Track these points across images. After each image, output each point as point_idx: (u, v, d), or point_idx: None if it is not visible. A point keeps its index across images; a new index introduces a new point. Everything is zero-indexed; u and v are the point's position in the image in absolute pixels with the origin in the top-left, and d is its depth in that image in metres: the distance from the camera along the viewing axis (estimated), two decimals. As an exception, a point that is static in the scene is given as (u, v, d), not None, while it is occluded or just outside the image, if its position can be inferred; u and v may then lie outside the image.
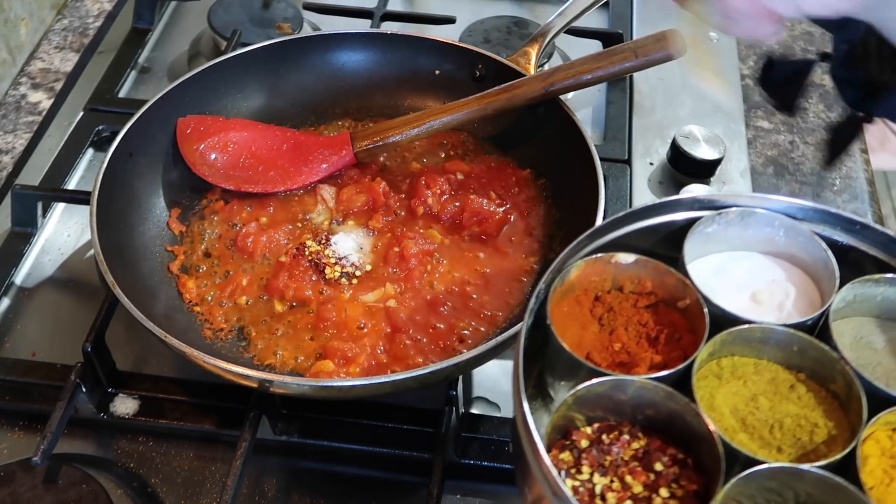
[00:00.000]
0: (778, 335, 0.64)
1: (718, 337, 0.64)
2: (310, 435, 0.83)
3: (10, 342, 0.92)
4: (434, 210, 0.97)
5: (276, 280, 0.91)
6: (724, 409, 0.62)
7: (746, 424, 0.62)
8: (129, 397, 0.85)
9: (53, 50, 1.26)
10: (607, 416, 0.63)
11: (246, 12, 1.23)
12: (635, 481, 0.60)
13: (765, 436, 0.61)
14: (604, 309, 0.69)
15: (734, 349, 0.65)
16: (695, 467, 0.60)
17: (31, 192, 1.01)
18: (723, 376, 0.64)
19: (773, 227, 0.71)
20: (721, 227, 0.71)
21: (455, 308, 0.89)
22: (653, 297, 0.69)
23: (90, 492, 0.77)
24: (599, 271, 0.69)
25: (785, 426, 0.61)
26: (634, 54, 0.93)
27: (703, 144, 1.06)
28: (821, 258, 0.69)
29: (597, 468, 0.60)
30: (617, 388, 0.61)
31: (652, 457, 0.61)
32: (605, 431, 0.63)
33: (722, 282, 0.70)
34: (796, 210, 0.70)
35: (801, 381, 0.64)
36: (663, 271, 0.68)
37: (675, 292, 0.68)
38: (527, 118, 1.01)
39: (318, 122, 1.09)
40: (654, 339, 0.67)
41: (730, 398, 0.63)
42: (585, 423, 0.63)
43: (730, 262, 0.72)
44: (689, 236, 0.69)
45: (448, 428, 0.80)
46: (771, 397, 0.63)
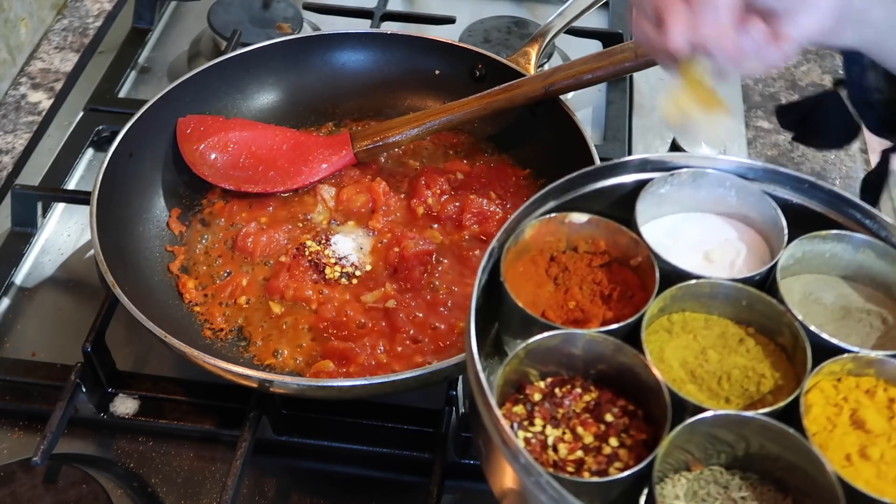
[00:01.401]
0: (727, 290, 0.65)
1: (668, 292, 0.65)
2: (310, 435, 0.83)
3: (10, 342, 0.92)
4: (434, 210, 0.97)
5: (276, 280, 0.91)
6: (674, 362, 0.63)
7: (695, 376, 0.63)
8: (129, 397, 0.85)
9: (53, 50, 1.26)
10: (560, 371, 0.64)
11: (246, 12, 1.23)
12: (586, 432, 0.61)
13: (713, 387, 0.62)
14: (559, 269, 0.70)
15: (685, 305, 0.66)
16: (644, 418, 0.62)
17: (31, 192, 1.01)
18: (673, 331, 0.66)
19: (724, 188, 0.71)
20: (673, 189, 0.71)
21: (455, 308, 0.89)
22: (606, 256, 0.71)
23: (90, 492, 0.77)
24: (553, 231, 0.70)
25: (733, 377, 0.62)
26: (634, 54, 0.93)
27: (702, 145, 1.06)
28: (770, 216, 0.69)
29: (549, 420, 0.62)
30: (568, 341, 0.62)
31: (602, 408, 0.62)
32: (557, 385, 0.64)
33: (675, 242, 0.71)
34: (746, 170, 0.71)
35: (750, 335, 0.65)
36: (615, 230, 0.69)
37: (627, 251, 0.69)
38: (527, 118, 1.01)
39: (318, 122, 1.09)
40: (607, 296, 0.68)
41: (679, 352, 0.64)
42: (539, 378, 0.64)
43: (682, 223, 0.73)
44: (640, 196, 0.70)
45: (448, 428, 0.80)
46: (720, 350, 0.64)
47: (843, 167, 1.12)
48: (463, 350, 0.79)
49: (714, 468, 0.60)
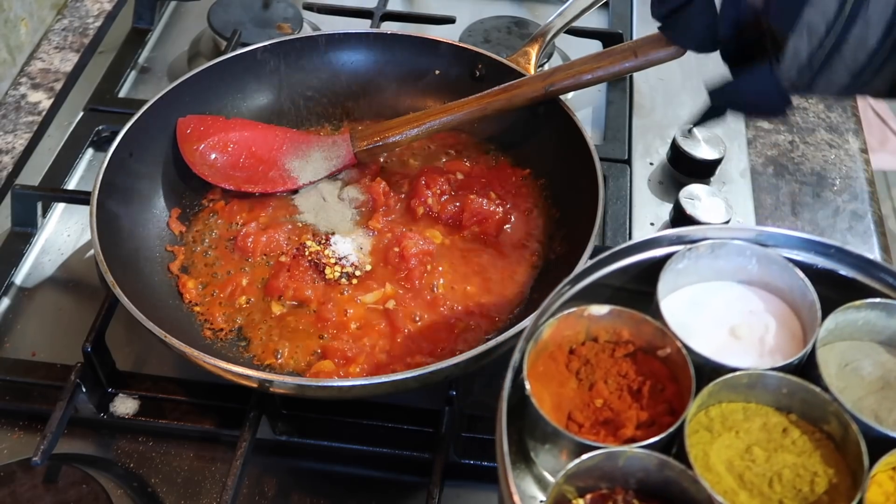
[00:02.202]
0: (766, 380, 0.63)
1: (706, 390, 0.62)
2: (310, 435, 0.83)
3: (10, 342, 0.92)
4: (434, 210, 0.97)
5: (275, 280, 0.91)
6: (720, 468, 0.60)
7: (744, 481, 0.60)
8: (129, 397, 0.85)
9: (53, 50, 1.26)
10: (598, 485, 0.61)
11: (246, 12, 1.23)
12: None
13: (765, 491, 0.59)
14: (580, 362, 0.67)
15: (721, 396, 0.64)
16: None
17: (31, 192, 1.01)
18: (713, 429, 0.63)
19: (745, 257, 0.69)
20: (692, 262, 0.69)
21: (455, 308, 0.89)
22: (630, 346, 0.67)
23: (90, 492, 0.77)
24: (572, 325, 0.67)
25: (784, 478, 0.60)
26: (634, 54, 0.93)
27: (703, 144, 1.06)
28: (798, 287, 0.67)
29: None
30: (608, 459, 0.59)
31: None
32: (598, 502, 0.60)
33: (698, 317, 0.68)
34: (767, 238, 0.69)
35: (794, 422, 0.63)
36: (639, 320, 0.66)
37: (653, 340, 0.66)
38: (527, 118, 1.01)
39: (318, 122, 1.09)
40: (636, 391, 0.65)
41: (724, 452, 0.61)
42: (576, 495, 0.61)
43: (705, 295, 0.70)
44: (661, 275, 0.67)
45: (448, 428, 0.80)
46: (765, 446, 0.62)
47: (843, 167, 1.12)
48: (463, 350, 0.79)
49: None
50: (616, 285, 0.69)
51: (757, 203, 1.06)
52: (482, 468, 0.82)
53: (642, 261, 0.70)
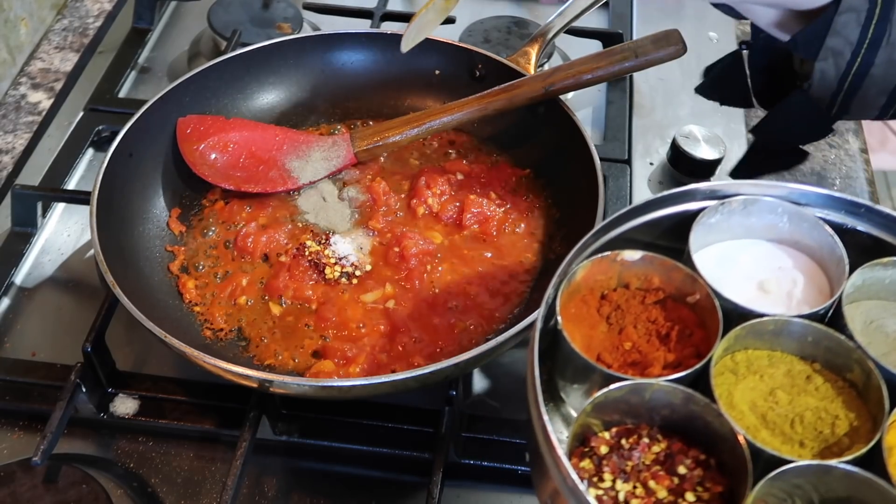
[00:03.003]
0: (792, 326, 0.64)
1: (732, 333, 0.63)
2: (310, 435, 0.83)
3: (10, 342, 0.92)
4: (434, 210, 0.97)
5: (276, 280, 0.91)
6: (744, 406, 0.62)
7: (767, 420, 0.61)
8: (129, 397, 0.85)
9: (53, 50, 1.26)
10: (624, 420, 0.62)
11: (246, 12, 1.23)
12: (659, 486, 0.59)
13: (786, 431, 0.61)
14: (611, 307, 0.69)
15: (747, 342, 0.65)
16: (718, 468, 0.60)
17: (31, 192, 1.01)
18: (738, 371, 0.64)
19: (776, 215, 0.70)
20: (724, 217, 0.70)
21: (455, 308, 0.89)
22: (660, 293, 0.69)
23: (90, 492, 0.77)
24: (605, 270, 0.68)
25: (806, 420, 0.61)
26: (634, 54, 0.93)
27: (703, 144, 1.06)
28: (827, 243, 0.68)
29: (618, 474, 0.59)
30: (634, 392, 0.61)
31: (674, 460, 0.60)
32: (623, 436, 0.62)
33: (728, 272, 0.69)
34: (799, 195, 0.70)
35: (817, 371, 0.64)
36: (670, 267, 0.67)
37: (683, 287, 0.68)
38: (527, 118, 1.01)
39: (318, 122, 1.09)
40: (664, 336, 0.67)
41: (748, 394, 0.63)
42: (602, 428, 0.62)
43: (735, 252, 0.72)
44: (693, 228, 0.68)
45: (448, 428, 0.80)
46: (789, 390, 0.63)
47: (843, 167, 1.12)
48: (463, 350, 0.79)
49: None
50: (646, 240, 0.70)
51: (757, 203, 1.06)
52: (482, 468, 0.82)
53: (673, 214, 0.71)
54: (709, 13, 1.32)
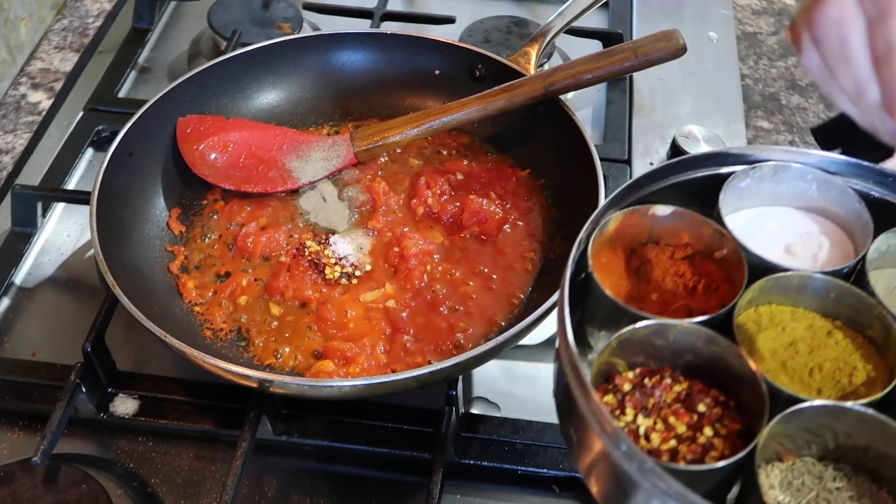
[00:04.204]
0: (815, 282, 0.65)
1: (757, 284, 0.64)
2: (310, 435, 0.83)
3: (10, 342, 0.92)
4: (434, 210, 0.97)
5: (275, 280, 0.91)
6: (765, 353, 0.63)
7: (786, 368, 0.63)
8: (129, 397, 0.85)
9: (53, 50, 1.26)
10: (648, 362, 0.64)
11: (246, 12, 1.23)
12: (678, 422, 0.60)
13: (805, 378, 0.62)
14: (640, 261, 0.70)
15: (771, 297, 0.66)
16: (737, 408, 0.61)
17: (31, 192, 1.01)
18: (761, 323, 0.66)
19: (805, 182, 0.71)
20: (754, 182, 0.71)
21: (455, 308, 0.89)
22: (689, 249, 0.70)
23: (90, 492, 0.77)
24: (636, 223, 0.70)
25: (824, 369, 0.62)
26: (634, 54, 0.93)
27: (703, 144, 1.06)
28: (854, 210, 0.69)
29: (640, 410, 0.61)
30: (659, 331, 0.62)
31: (694, 398, 0.62)
32: (646, 376, 0.64)
33: (755, 236, 0.70)
34: (829, 164, 0.71)
35: (838, 328, 0.65)
36: (700, 222, 0.69)
37: (711, 243, 0.69)
38: (527, 118, 1.01)
39: (318, 122, 1.09)
40: (691, 288, 0.68)
41: (769, 343, 0.64)
42: (627, 369, 0.64)
43: (762, 217, 0.73)
44: (724, 189, 0.69)
45: (448, 428, 0.80)
46: (809, 343, 0.64)
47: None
48: (463, 350, 0.80)
49: (806, 459, 0.60)
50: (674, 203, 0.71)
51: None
52: (482, 468, 0.82)
53: (703, 178, 0.72)
54: (709, 13, 1.32)
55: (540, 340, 0.92)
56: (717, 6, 1.33)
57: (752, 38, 1.31)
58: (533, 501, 0.82)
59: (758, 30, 1.32)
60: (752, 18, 1.34)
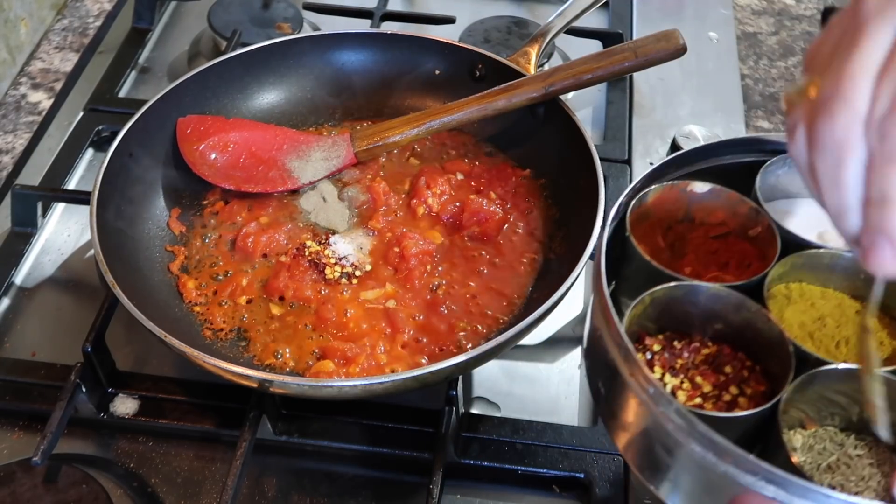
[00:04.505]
0: (846, 261, 0.66)
1: (789, 259, 0.65)
2: (310, 435, 0.83)
3: (10, 342, 0.92)
4: (434, 210, 0.97)
5: (276, 280, 0.91)
6: (793, 323, 0.65)
7: (814, 338, 0.64)
8: (129, 397, 0.85)
9: (53, 50, 1.26)
10: (678, 328, 0.66)
11: (246, 12, 1.23)
12: (705, 381, 0.62)
13: (831, 350, 0.63)
14: (675, 237, 0.71)
15: (802, 275, 0.67)
16: (763, 373, 0.63)
17: (31, 192, 1.01)
18: (791, 297, 0.67)
19: None
20: (791, 170, 0.72)
21: (455, 308, 0.89)
22: (724, 228, 0.71)
23: (90, 492, 0.77)
24: (674, 199, 0.71)
25: (851, 343, 0.63)
26: (634, 54, 0.93)
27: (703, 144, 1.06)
28: None
29: (668, 370, 0.63)
30: (691, 293, 0.64)
31: (721, 361, 0.63)
32: (675, 339, 0.65)
33: (788, 222, 0.71)
34: None
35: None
36: (736, 200, 0.70)
37: (746, 221, 0.70)
38: (527, 118, 1.01)
39: (318, 122, 1.09)
40: (724, 264, 0.70)
41: (798, 315, 0.65)
42: (657, 332, 0.66)
43: (795, 206, 0.74)
44: (760, 175, 0.70)
45: (448, 428, 0.80)
46: (837, 318, 0.65)
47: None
48: (463, 350, 0.80)
49: (829, 428, 0.61)
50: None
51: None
52: (482, 468, 0.82)
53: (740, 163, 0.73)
54: (709, 13, 1.32)
55: (540, 340, 0.93)
56: (717, 6, 1.33)
57: (752, 38, 1.31)
58: (533, 501, 0.82)
59: (758, 30, 1.32)
60: (752, 18, 1.34)
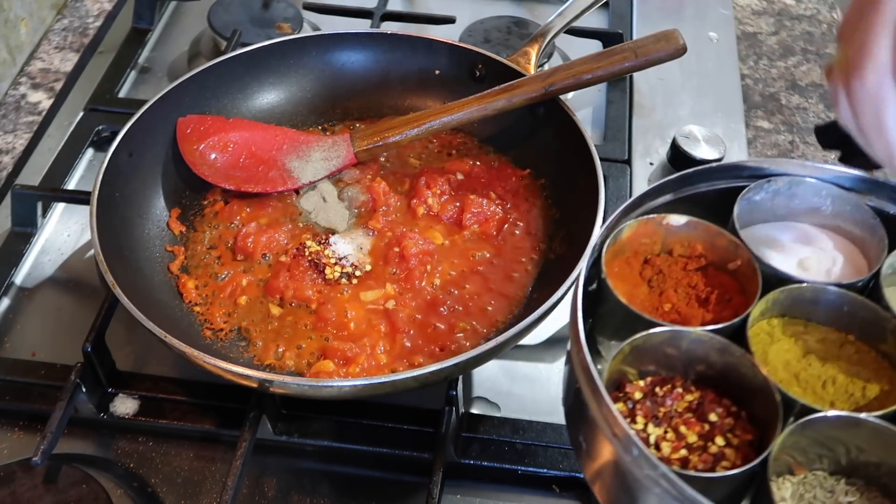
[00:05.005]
0: (829, 295, 0.65)
1: (771, 295, 0.64)
2: (310, 435, 0.83)
3: (10, 342, 0.92)
4: (434, 210, 0.97)
5: (276, 280, 0.91)
6: (777, 364, 0.63)
7: (799, 379, 0.62)
8: (129, 397, 0.85)
9: (53, 50, 1.26)
10: (659, 371, 0.64)
11: (246, 12, 1.23)
12: (690, 431, 0.60)
13: (818, 390, 0.62)
14: (653, 271, 0.70)
15: (784, 309, 0.66)
16: (749, 419, 0.61)
17: (31, 192, 1.01)
18: (774, 334, 0.65)
19: (820, 197, 0.71)
20: (768, 196, 0.71)
21: (455, 308, 0.89)
22: (702, 260, 0.70)
23: (90, 492, 0.77)
24: (650, 233, 0.70)
25: (838, 382, 0.62)
26: (634, 54, 0.93)
27: (703, 144, 1.06)
28: (868, 225, 0.69)
29: (651, 419, 0.61)
30: (673, 339, 0.62)
31: (706, 408, 0.61)
32: (657, 384, 0.63)
33: (768, 249, 0.70)
34: (845, 179, 0.71)
35: (851, 341, 0.65)
36: (714, 233, 0.69)
37: (725, 254, 0.69)
38: (527, 118, 1.01)
39: (318, 122, 1.09)
40: (704, 300, 0.68)
41: (782, 354, 0.64)
42: (638, 377, 0.64)
43: (775, 231, 0.73)
44: (738, 202, 0.69)
45: (448, 428, 0.80)
46: (822, 355, 0.64)
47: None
48: (463, 350, 0.80)
49: (818, 473, 0.60)
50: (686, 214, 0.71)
51: (757, 203, 1.06)
52: (482, 468, 0.82)
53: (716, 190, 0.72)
54: (709, 13, 1.32)
55: (540, 340, 0.93)
56: (717, 6, 1.33)
57: (752, 38, 1.31)
58: (533, 501, 0.82)
59: (758, 30, 1.32)
60: (752, 18, 1.34)
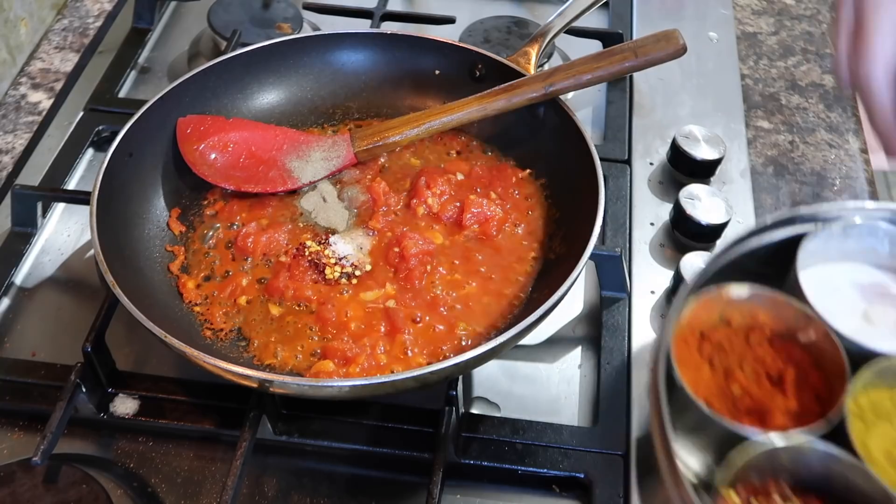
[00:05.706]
0: None
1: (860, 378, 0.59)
2: (310, 435, 0.83)
3: (10, 342, 0.92)
4: (434, 210, 0.97)
5: (276, 280, 0.91)
6: (879, 457, 0.58)
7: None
8: (129, 397, 0.85)
9: (53, 50, 1.26)
10: (748, 476, 0.58)
11: (246, 12, 1.23)
12: None
13: None
14: (713, 348, 0.65)
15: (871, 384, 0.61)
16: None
17: (31, 192, 1.00)
18: (866, 418, 0.60)
19: (876, 238, 0.68)
20: (822, 241, 0.67)
21: (455, 308, 0.89)
22: (766, 329, 0.65)
23: (90, 492, 0.77)
24: (708, 307, 0.65)
25: None
26: (634, 54, 0.93)
27: (703, 144, 1.06)
28: None
29: None
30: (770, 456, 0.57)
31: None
32: (751, 494, 0.58)
33: (827, 301, 0.65)
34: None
35: None
36: (781, 303, 0.64)
37: (794, 325, 0.64)
38: (527, 118, 1.01)
39: (318, 122, 1.09)
40: (776, 379, 0.63)
41: (881, 442, 0.59)
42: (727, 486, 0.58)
43: (833, 277, 0.69)
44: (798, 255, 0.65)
45: (448, 428, 0.80)
46: None
47: (843, 167, 1.12)
48: (463, 350, 0.79)
49: None
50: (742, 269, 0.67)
51: (757, 203, 1.06)
52: (482, 468, 0.82)
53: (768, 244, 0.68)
54: (709, 13, 1.32)
55: (540, 340, 0.93)
56: (717, 6, 1.33)
57: (752, 38, 1.31)
58: (533, 501, 0.82)
59: (758, 30, 1.32)
60: (752, 18, 1.34)
